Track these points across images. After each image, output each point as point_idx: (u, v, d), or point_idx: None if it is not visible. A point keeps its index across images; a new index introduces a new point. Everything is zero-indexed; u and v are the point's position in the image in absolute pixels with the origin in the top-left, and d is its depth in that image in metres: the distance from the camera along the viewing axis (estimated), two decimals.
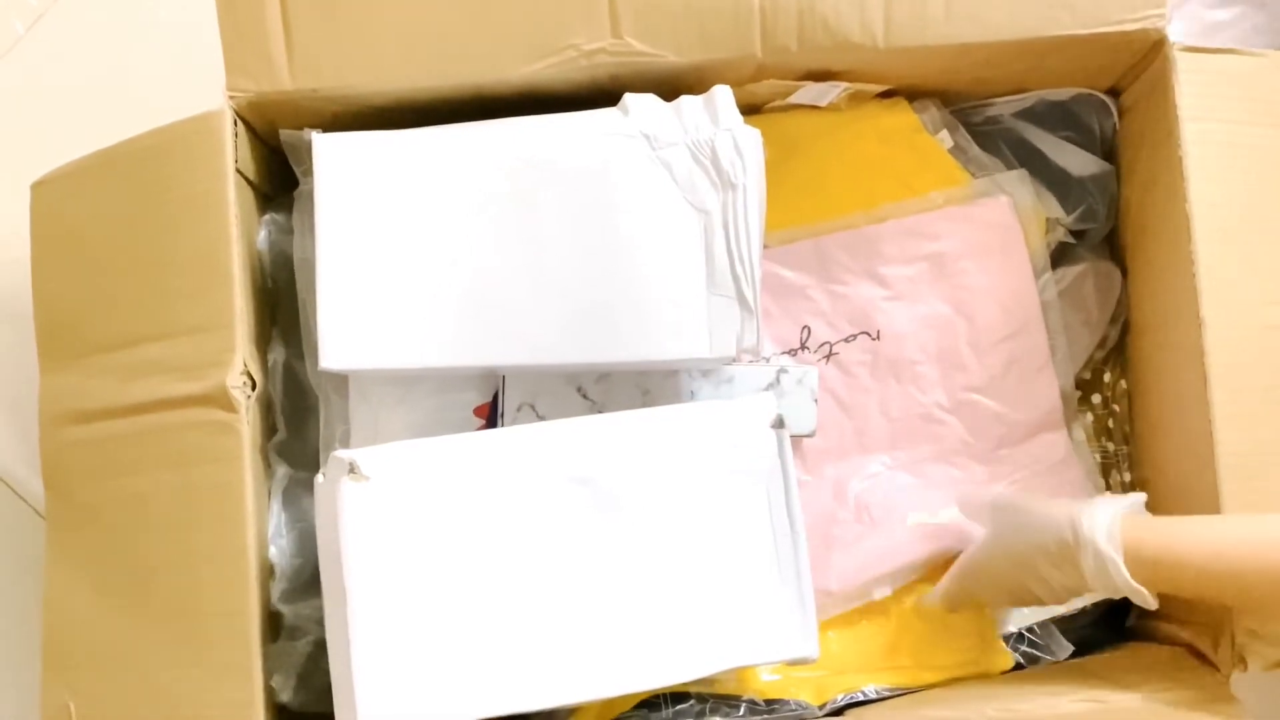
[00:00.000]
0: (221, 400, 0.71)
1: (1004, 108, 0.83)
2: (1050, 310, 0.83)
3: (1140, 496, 0.69)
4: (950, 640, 0.80)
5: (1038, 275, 0.83)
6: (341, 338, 0.71)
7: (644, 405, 0.78)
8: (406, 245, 0.72)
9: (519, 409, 0.78)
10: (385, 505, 0.65)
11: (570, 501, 0.67)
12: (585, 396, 0.78)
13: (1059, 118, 0.83)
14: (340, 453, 0.65)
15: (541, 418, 0.77)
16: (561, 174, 0.71)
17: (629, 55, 0.72)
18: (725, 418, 0.70)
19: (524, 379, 0.78)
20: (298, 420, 0.79)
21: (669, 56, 0.72)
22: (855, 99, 0.81)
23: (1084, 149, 0.83)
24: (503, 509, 0.67)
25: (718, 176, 0.71)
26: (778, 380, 0.79)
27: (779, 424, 0.70)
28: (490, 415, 0.80)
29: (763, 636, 0.69)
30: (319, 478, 0.68)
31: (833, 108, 0.80)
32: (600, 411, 0.78)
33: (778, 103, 0.80)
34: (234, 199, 0.72)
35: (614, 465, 0.68)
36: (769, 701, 0.76)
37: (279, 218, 0.80)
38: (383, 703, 0.64)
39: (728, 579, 0.69)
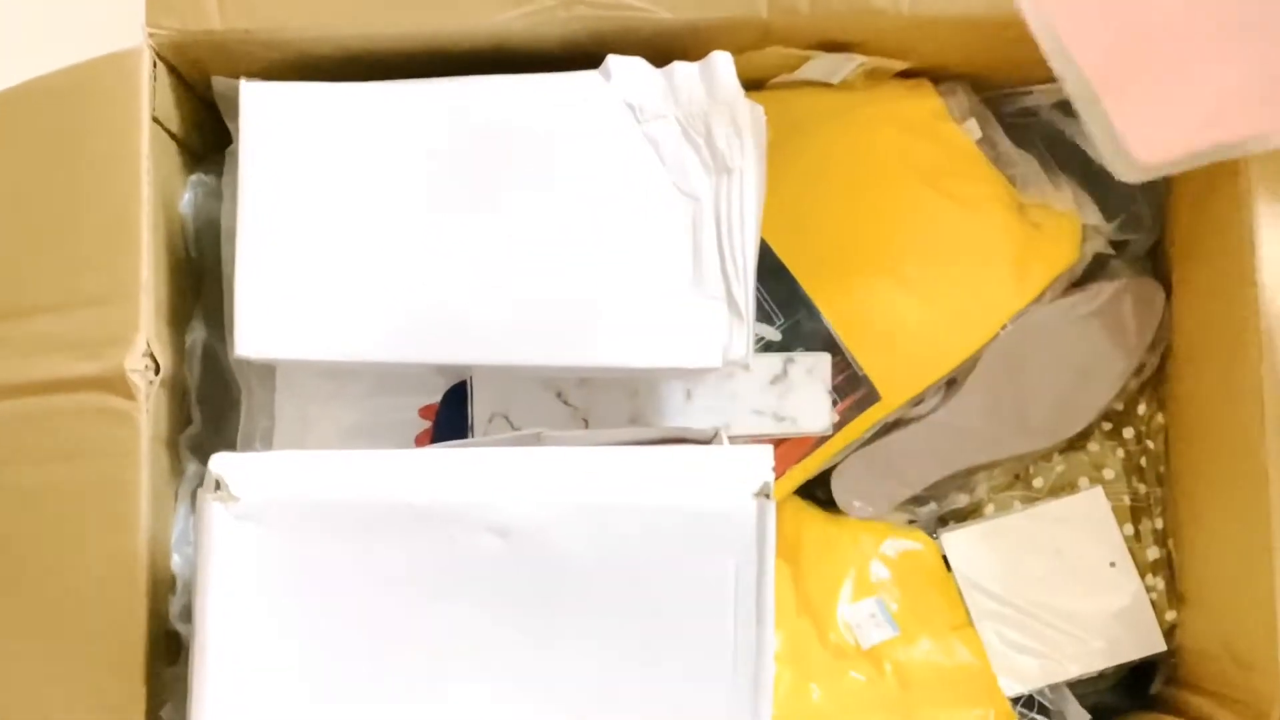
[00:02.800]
0: (118, 385, 0.64)
1: (1042, 97, 0.77)
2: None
3: None
4: (950, 700, 0.75)
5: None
6: (262, 321, 0.64)
7: (632, 410, 0.73)
8: (345, 218, 0.65)
9: (490, 420, 0.72)
10: (257, 533, 0.57)
11: (483, 558, 0.58)
12: (566, 403, 0.73)
13: None
14: (215, 461, 0.58)
15: (516, 429, 0.72)
16: (530, 145, 0.65)
17: (614, 9, 0.66)
18: (702, 469, 0.60)
19: (493, 384, 0.72)
20: (216, 411, 0.73)
21: (660, 13, 0.66)
22: (872, 77, 0.75)
23: None
24: (399, 559, 0.59)
25: (712, 158, 0.65)
26: (784, 371, 0.74)
27: (765, 492, 0.60)
28: (439, 418, 0.74)
29: None
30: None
31: (846, 86, 0.75)
32: (584, 419, 0.73)
33: (784, 77, 0.74)
34: (147, 152, 0.66)
35: (545, 517, 0.59)
36: None
37: (208, 179, 0.73)
38: None
39: (669, 673, 0.60)
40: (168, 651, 0.66)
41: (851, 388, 0.75)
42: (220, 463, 0.58)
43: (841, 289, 0.75)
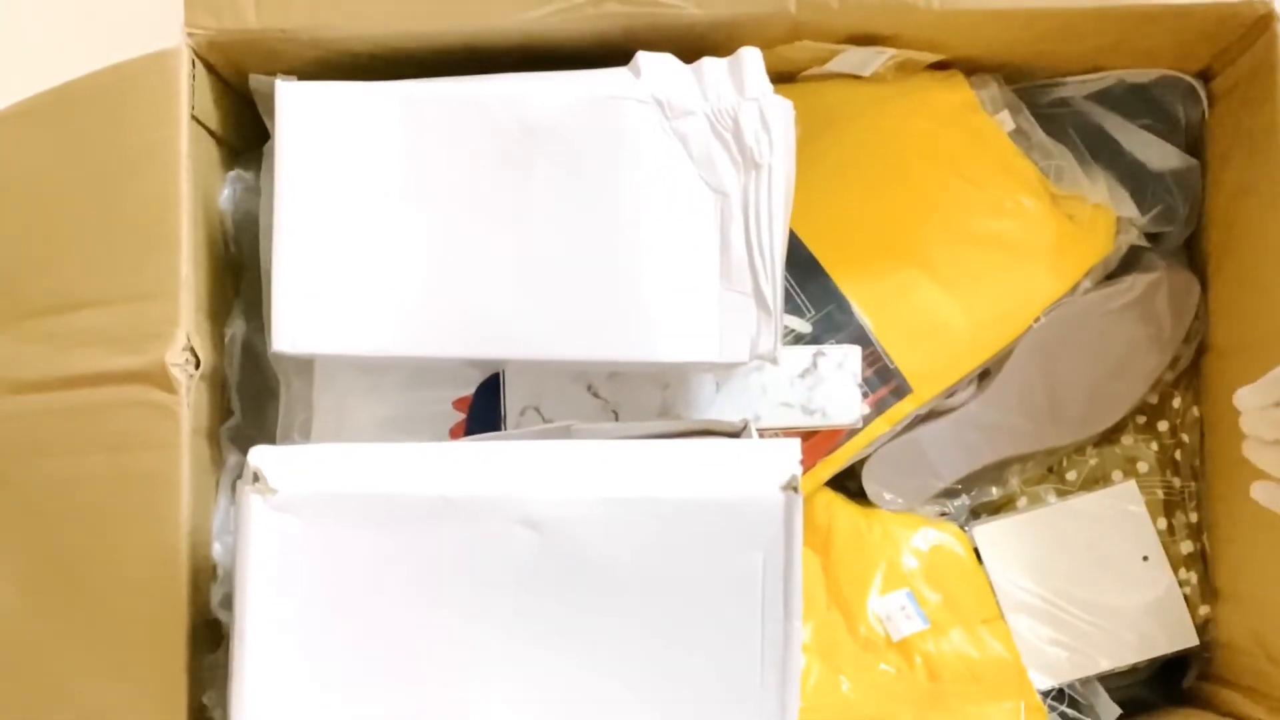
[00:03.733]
0: (159, 378, 0.64)
1: (1076, 88, 0.77)
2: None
3: None
4: (980, 693, 0.73)
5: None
6: (298, 317, 0.64)
7: (662, 402, 0.73)
8: (380, 214, 0.65)
9: (522, 413, 0.72)
10: (295, 524, 0.58)
11: (514, 549, 0.59)
12: (596, 395, 0.73)
13: (1138, 103, 0.77)
14: (254, 454, 0.58)
15: (547, 421, 0.72)
16: (560, 142, 0.65)
17: (644, 5, 0.65)
18: (730, 463, 0.60)
19: (525, 377, 0.72)
20: (256, 403, 0.73)
21: (690, 9, 0.66)
22: (903, 69, 0.74)
23: (1165, 140, 0.77)
24: (433, 551, 0.59)
25: (740, 153, 0.65)
26: (814, 364, 0.73)
27: (793, 485, 0.60)
28: (473, 410, 0.74)
29: None
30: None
31: (877, 78, 0.74)
32: (614, 411, 0.73)
33: (814, 70, 0.74)
34: (187, 150, 0.66)
35: (575, 510, 0.59)
36: None
37: (247, 175, 0.74)
38: None
39: (697, 666, 0.60)
40: (209, 639, 0.66)
41: (883, 380, 0.75)
42: (259, 455, 0.58)
43: (873, 281, 0.75)
